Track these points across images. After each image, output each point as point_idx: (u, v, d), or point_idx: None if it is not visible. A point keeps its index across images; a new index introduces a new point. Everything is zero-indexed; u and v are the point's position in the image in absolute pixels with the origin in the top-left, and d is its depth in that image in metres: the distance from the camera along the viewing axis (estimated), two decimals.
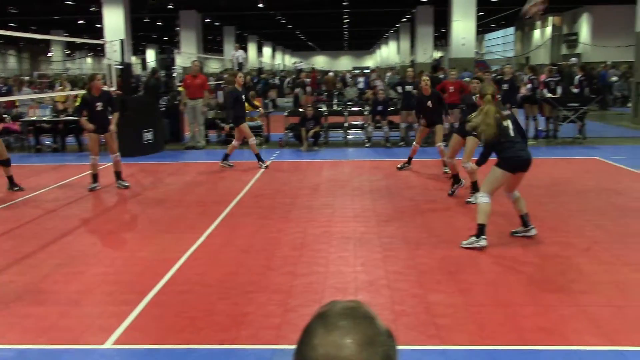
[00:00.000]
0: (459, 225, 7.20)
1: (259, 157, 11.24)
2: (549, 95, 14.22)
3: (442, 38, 35.50)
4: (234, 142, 11.37)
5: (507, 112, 6.50)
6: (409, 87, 14.26)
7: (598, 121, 17.57)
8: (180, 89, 14.72)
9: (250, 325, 4.50)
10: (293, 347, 1.09)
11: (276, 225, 7.30)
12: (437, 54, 38.47)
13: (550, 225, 7.05)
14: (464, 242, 6.28)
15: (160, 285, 5.34)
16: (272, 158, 12.31)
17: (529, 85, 14.18)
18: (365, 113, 14.97)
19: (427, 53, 34.45)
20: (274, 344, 4.19)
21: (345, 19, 43.32)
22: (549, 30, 41.61)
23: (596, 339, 4.19)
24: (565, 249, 6.20)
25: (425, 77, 10.57)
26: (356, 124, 15.22)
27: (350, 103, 18.31)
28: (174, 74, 15.69)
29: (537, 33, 44.61)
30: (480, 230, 6.21)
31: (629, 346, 4.11)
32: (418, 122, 10.61)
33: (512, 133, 6.40)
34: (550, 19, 40.79)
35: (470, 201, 8.23)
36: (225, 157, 11.32)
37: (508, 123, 6.43)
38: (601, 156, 11.75)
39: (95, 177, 9.64)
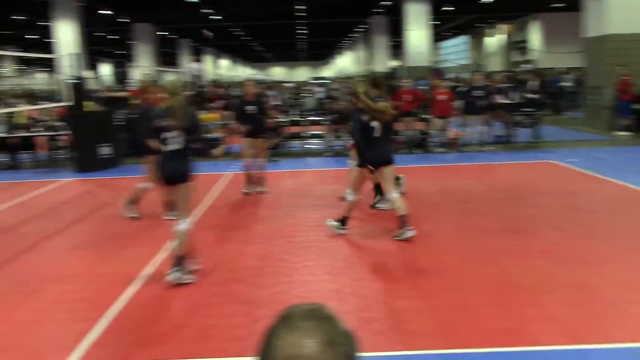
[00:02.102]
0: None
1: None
2: (504, 101, 14.50)
3: (398, 47, 35.93)
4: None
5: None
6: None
7: (552, 125, 17.96)
8: (134, 101, 14.55)
9: (216, 338, 4.45)
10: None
11: (239, 237, 7.25)
12: (394, 63, 38.90)
13: (509, 228, 7.16)
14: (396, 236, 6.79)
15: (123, 300, 5.25)
16: (233, 170, 12.23)
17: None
18: (326, 123, 15.02)
19: (382, 62, 34.84)
20: (241, 356, 4.14)
21: (301, 30, 43.50)
22: (500, 38, 42.53)
23: (559, 339, 4.26)
24: (525, 251, 6.30)
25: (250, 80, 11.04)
26: (316, 134, 15.27)
27: (309, 113, 18.34)
28: (131, 88, 15.52)
29: (490, 41, 45.55)
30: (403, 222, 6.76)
31: (591, 344, 4.18)
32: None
33: (376, 134, 6.79)
34: (502, 27, 41.71)
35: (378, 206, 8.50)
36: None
37: (376, 124, 6.78)
38: (556, 159, 12.00)
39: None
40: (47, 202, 10.09)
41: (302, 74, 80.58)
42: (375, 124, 6.82)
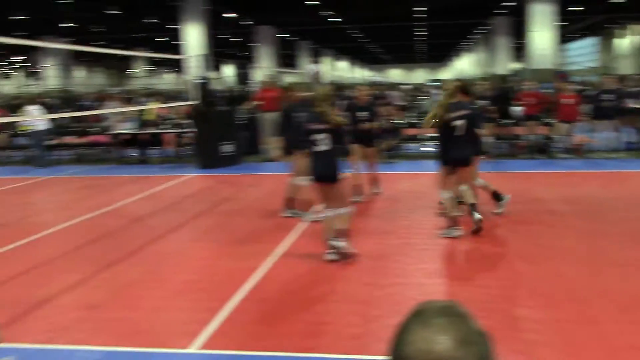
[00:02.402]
0: (536, 240, 6.98)
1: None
2: (637, 106, 13.68)
3: (521, 49, 34.81)
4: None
5: (461, 113, 6.83)
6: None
7: None
8: (255, 102, 15.01)
9: (330, 335, 4.50)
10: (374, 357, 1.09)
11: (355, 236, 7.27)
12: (516, 66, 37.70)
13: (638, 240, 6.75)
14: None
15: (242, 293, 5.42)
16: (348, 171, 12.29)
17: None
18: None
19: (503, 64, 33.87)
20: (355, 354, 4.16)
21: (419, 31, 43.13)
22: (633, 39, 40.15)
23: None
24: None
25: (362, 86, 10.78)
26: (433, 136, 15.05)
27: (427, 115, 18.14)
28: (252, 89, 16.01)
29: (621, 42, 43.17)
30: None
31: None
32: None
33: (457, 132, 6.80)
34: (635, 27, 39.41)
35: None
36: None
37: (458, 123, 6.79)
38: None
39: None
40: (173, 195, 10.61)
41: (419, 76, 79.83)
42: (458, 122, 6.80)
